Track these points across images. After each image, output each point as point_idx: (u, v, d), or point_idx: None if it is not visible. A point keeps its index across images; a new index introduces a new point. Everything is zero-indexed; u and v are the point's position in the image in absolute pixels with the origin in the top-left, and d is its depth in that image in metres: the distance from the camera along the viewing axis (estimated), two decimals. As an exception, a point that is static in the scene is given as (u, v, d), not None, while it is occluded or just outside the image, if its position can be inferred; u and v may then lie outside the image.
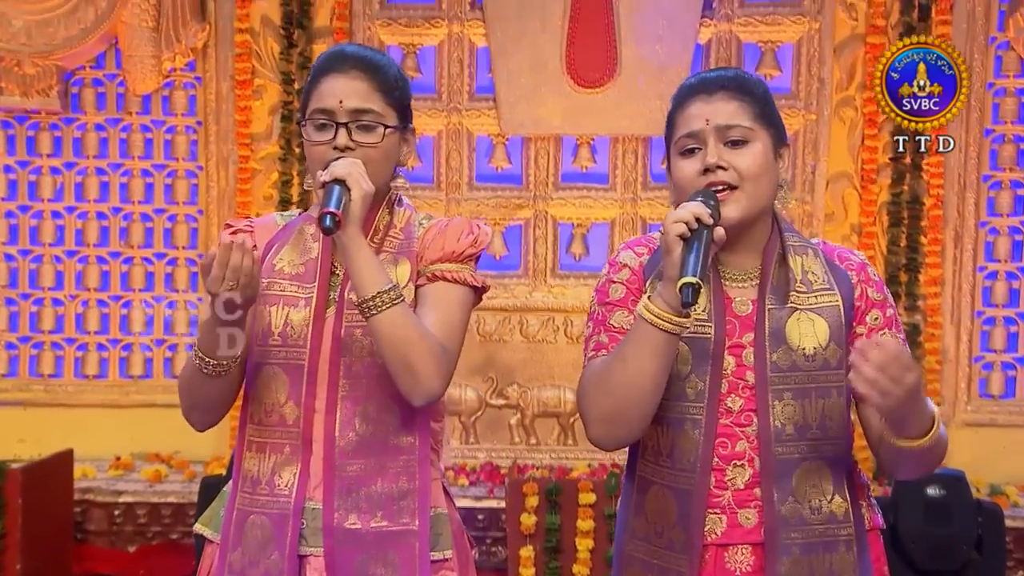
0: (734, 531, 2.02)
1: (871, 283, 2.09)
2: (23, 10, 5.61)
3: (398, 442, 2.19)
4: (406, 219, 2.27)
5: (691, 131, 2.04)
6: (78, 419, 5.63)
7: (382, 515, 2.18)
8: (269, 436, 2.23)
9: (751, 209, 2.03)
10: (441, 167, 5.67)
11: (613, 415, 1.99)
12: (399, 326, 2.08)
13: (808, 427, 2.02)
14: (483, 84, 5.65)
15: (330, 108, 2.18)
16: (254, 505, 2.21)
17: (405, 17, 5.63)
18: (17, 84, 5.63)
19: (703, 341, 2.03)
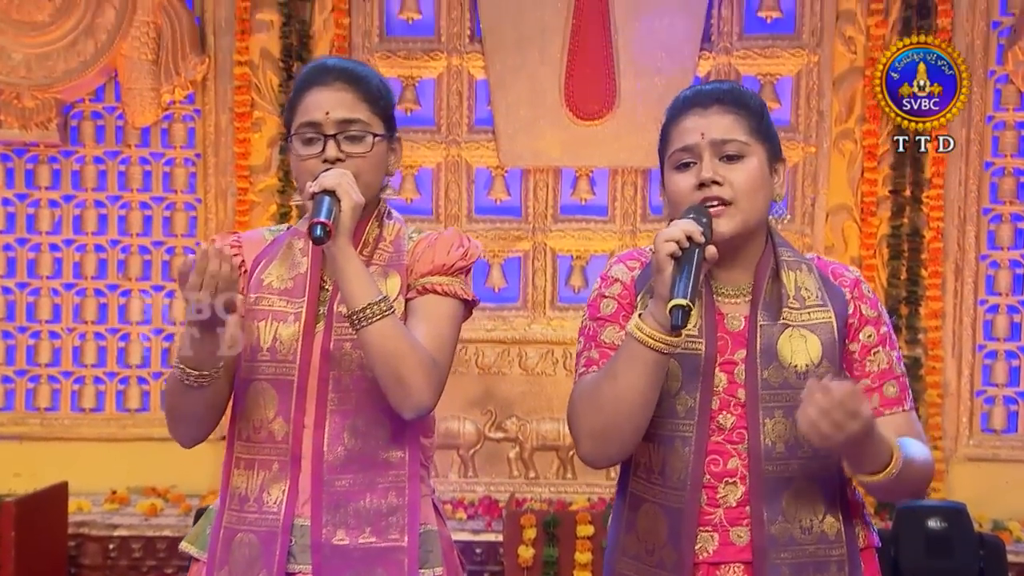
0: (726, 549, 2.00)
1: (865, 300, 2.06)
2: (23, 43, 5.64)
3: (387, 457, 2.17)
4: (396, 232, 2.25)
5: (686, 145, 2.01)
6: (74, 453, 5.61)
7: (370, 531, 2.15)
8: (257, 453, 2.20)
9: (745, 225, 2.00)
10: (440, 199, 5.69)
11: (603, 432, 1.97)
12: (389, 338, 2.06)
13: (799, 445, 1.98)
14: (482, 116, 5.67)
15: (317, 120, 2.17)
16: (242, 523, 2.19)
17: (404, 50, 5.66)
18: (16, 117, 5.66)
19: (694, 358, 2.01)
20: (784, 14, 5.60)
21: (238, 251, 2.24)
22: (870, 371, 2.03)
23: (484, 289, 5.69)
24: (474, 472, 5.64)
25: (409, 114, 5.66)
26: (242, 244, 2.27)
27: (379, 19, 5.67)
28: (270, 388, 2.19)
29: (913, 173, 5.53)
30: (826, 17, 5.56)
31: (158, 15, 5.62)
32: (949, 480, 5.53)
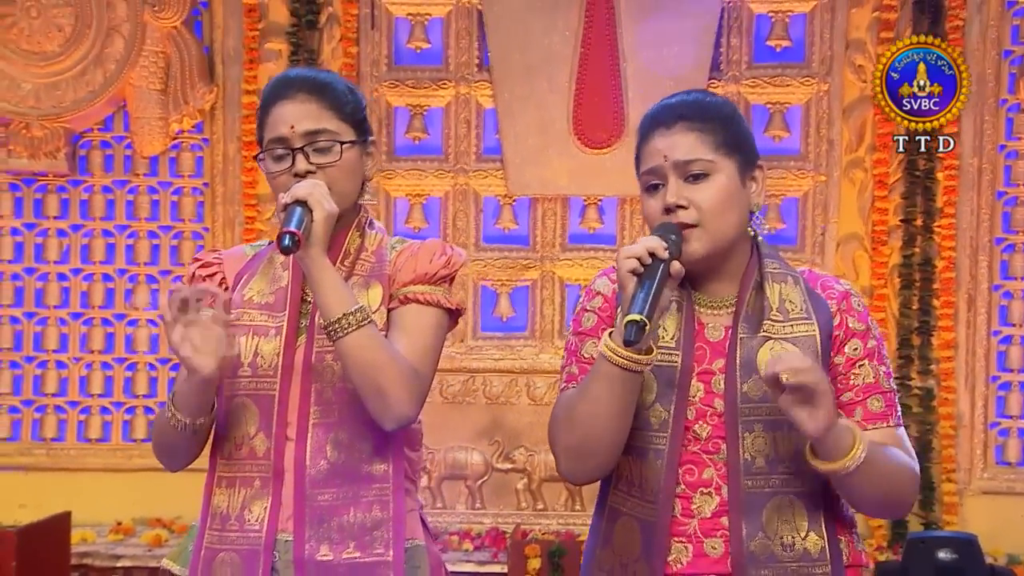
0: (700, 561, 1.97)
1: (853, 313, 2.02)
2: (32, 73, 5.67)
3: (371, 470, 2.14)
4: (378, 242, 2.23)
5: (651, 167, 1.98)
6: (80, 483, 5.59)
7: (354, 546, 2.13)
8: (239, 470, 2.18)
9: (714, 244, 1.96)
10: (448, 228, 5.67)
11: (579, 448, 1.96)
12: (367, 348, 2.04)
13: (780, 460, 1.96)
14: (490, 145, 5.68)
15: (283, 135, 2.15)
16: (223, 542, 2.17)
17: (412, 79, 5.67)
18: (25, 147, 5.68)
19: (669, 370, 1.98)
20: (793, 43, 5.59)
21: (218, 268, 2.24)
22: (854, 384, 1.99)
23: (492, 319, 5.69)
24: (482, 503, 5.60)
25: (417, 143, 5.69)
26: (223, 261, 2.27)
27: (387, 48, 5.69)
28: (251, 404, 2.17)
29: (924, 202, 5.50)
30: (836, 46, 5.55)
31: (167, 45, 5.65)
32: (963, 513, 5.46)
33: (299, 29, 5.62)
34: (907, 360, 5.51)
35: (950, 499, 5.46)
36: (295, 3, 5.62)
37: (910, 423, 5.46)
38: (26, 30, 5.68)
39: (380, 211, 5.64)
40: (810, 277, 2.07)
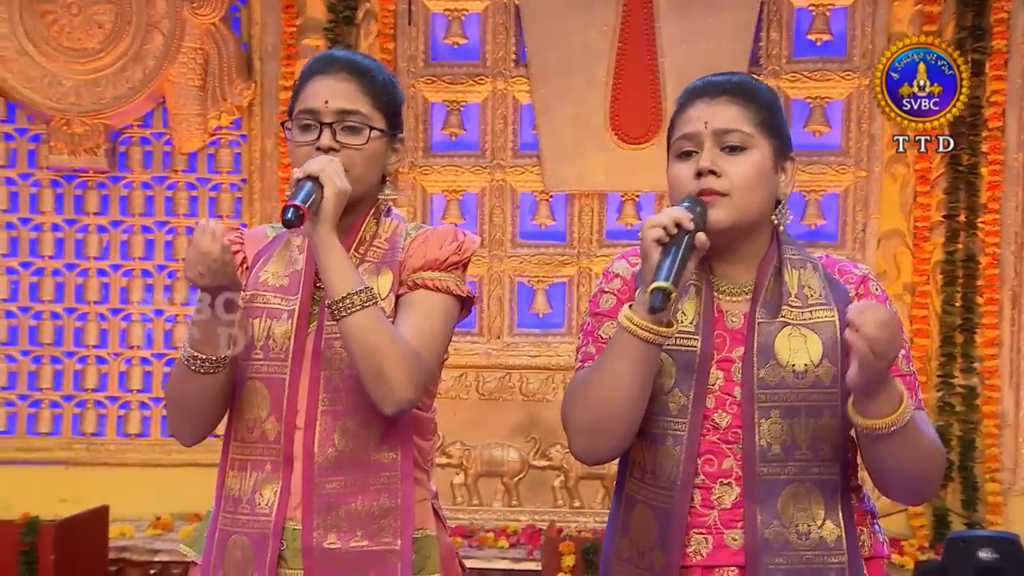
0: (720, 552, 1.95)
1: (871, 296, 2.00)
2: (73, 70, 5.72)
3: (379, 458, 2.13)
4: (392, 229, 2.21)
5: (687, 133, 1.97)
6: (119, 478, 5.64)
7: (362, 534, 2.12)
8: (251, 453, 2.17)
9: (739, 217, 1.94)
10: (484, 224, 5.68)
11: (593, 427, 1.93)
12: (369, 330, 2.02)
13: (797, 447, 1.93)
14: (527, 141, 5.66)
15: (315, 108, 2.14)
16: (235, 525, 2.16)
17: (449, 75, 5.67)
18: (66, 143, 5.73)
19: (688, 354, 1.96)
20: (835, 37, 5.53)
21: (240, 247, 2.22)
22: None
23: (528, 315, 5.68)
24: (518, 500, 5.59)
25: (454, 139, 5.68)
26: (244, 240, 2.25)
27: (424, 44, 5.69)
28: (263, 387, 2.15)
29: (967, 198, 5.43)
30: (877, 40, 5.47)
31: (205, 41, 5.68)
32: (1007, 513, 5.39)
33: (336, 25, 5.62)
34: (950, 358, 5.44)
35: (994, 499, 5.39)
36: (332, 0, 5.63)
37: (952, 422, 5.41)
38: (67, 27, 5.73)
39: (417, 207, 5.65)
40: (828, 263, 2.04)
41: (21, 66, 5.74)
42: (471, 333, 5.65)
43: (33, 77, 5.74)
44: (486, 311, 5.68)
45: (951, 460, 5.35)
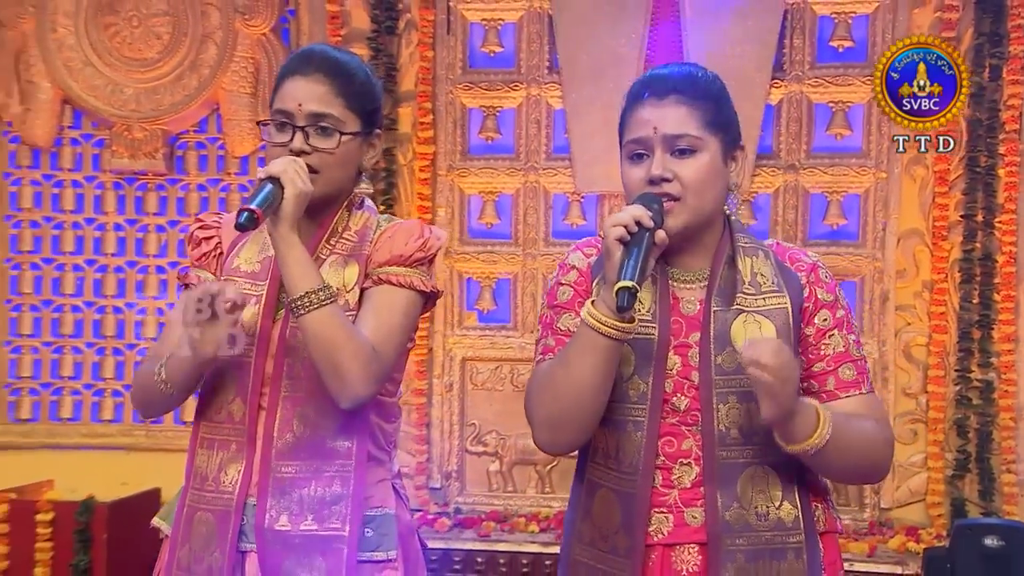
0: (681, 530, 1.95)
1: (821, 284, 2.00)
2: (133, 79, 5.89)
3: (335, 446, 2.12)
4: (363, 222, 2.20)
5: (638, 137, 1.96)
6: (176, 463, 5.80)
7: (312, 518, 2.11)
8: (218, 433, 2.17)
9: (694, 219, 1.95)
10: (519, 223, 5.73)
11: (557, 419, 1.93)
12: (327, 326, 2.02)
13: (754, 431, 1.92)
14: (560, 144, 5.70)
15: (289, 110, 2.13)
16: (201, 501, 2.17)
17: (486, 81, 5.73)
18: (127, 147, 5.89)
19: (646, 342, 1.95)
20: (856, 43, 5.52)
21: (215, 232, 2.24)
22: (825, 354, 1.98)
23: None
24: (551, 487, 5.68)
25: (490, 142, 5.74)
26: (221, 225, 2.25)
27: (462, 52, 5.75)
28: (231, 369, 2.15)
29: (985, 198, 5.42)
30: (897, 45, 5.55)
31: (256, 51, 5.82)
32: (1022, 503, 5.43)
33: (379, 35, 5.71)
34: (967, 353, 5.45)
35: (1009, 490, 5.38)
36: (375, 10, 5.71)
37: (970, 415, 5.45)
38: (128, 38, 5.89)
39: (454, 207, 5.73)
40: (779, 250, 2.05)
41: (86, 76, 5.91)
42: (506, 328, 5.73)
43: (97, 86, 5.91)
44: (520, 307, 5.73)
45: (968, 452, 5.40)
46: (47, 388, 6.03)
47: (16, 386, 6.04)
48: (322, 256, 2.18)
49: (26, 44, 5.98)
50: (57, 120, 6.03)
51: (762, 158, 5.59)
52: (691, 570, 1.95)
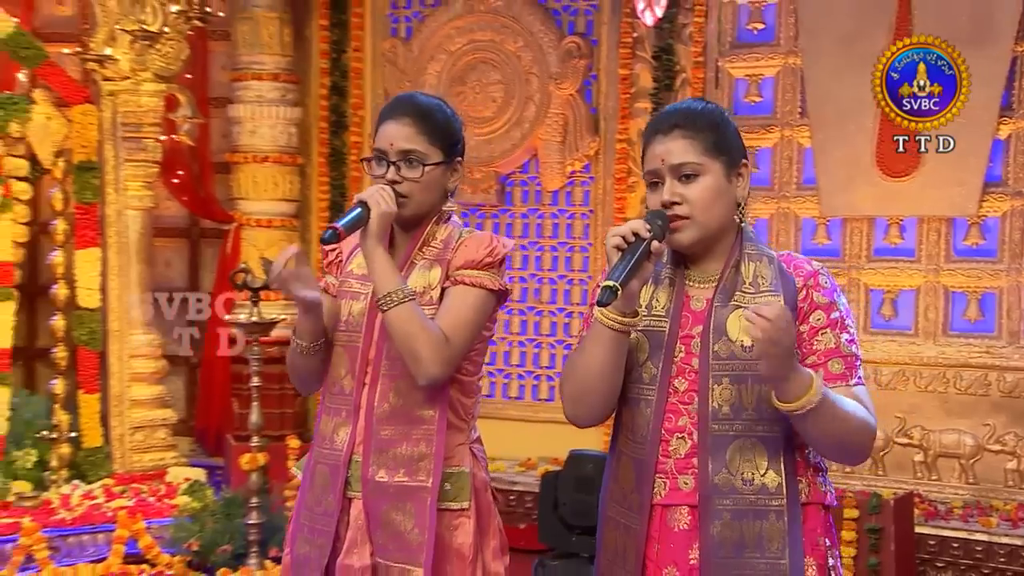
0: (675, 494, 1.92)
1: (819, 288, 1.94)
2: (475, 132, 6.30)
3: (421, 414, 2.16)
4: (448, 233, 2.25)
5: (652, 169, 1.96)
6: (502, 429, 6.14)
7: (404, 472, 2.16)
8: (333, 403, 2.25)
9: (702, 234, 1.93)
10: (772, 243, 5.67)
11: (576, 396, 1.95)
12: (404, 320, 2.09)
13: (743, 409, 1.88)
14: (808, 177, 5.65)
15: (383, 149, 2.19)
16: (320, 457, 2.25)
17: (746, 125, 5.68)
18: (469, 185, 6.32)
19: (659, 334, 1.95)
20: (1075, 85, 5.18)
21: (338, 245, 2.29)
22: (816, 349, 1.91)
23: None
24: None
25: (751, 176, 5.79)
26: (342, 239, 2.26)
27: (728, 102, 5.80)
28: (344, 352, 2.24)
29: None
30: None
31: (565, 108, 6.11)
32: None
33: (659, 91, 5.84)
34: None
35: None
36: (657, 72, 5.86)
37: None
38: (472, 102, 6.34)
39: None
40: (786, 259, 2.00)
41: (440, 131, 6.46)
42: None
43: (448, 138, 6.45)
44: (772, 312, 5.75)
45: None
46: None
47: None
48: (414, 261, 2.24)
49: (400, 108, 6.52)
50: (421, 165, 6.53)
51: (991, 186, 5.28)
52: (682, 528, 1.92)
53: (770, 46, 5.75)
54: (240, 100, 6.44)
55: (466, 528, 2.19)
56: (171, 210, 6.84)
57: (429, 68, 6.45)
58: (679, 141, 1.93)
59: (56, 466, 5.42)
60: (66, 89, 5.64)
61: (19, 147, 5.57)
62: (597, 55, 6.12)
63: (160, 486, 5.51)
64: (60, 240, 5.68)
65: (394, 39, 6.59)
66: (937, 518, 4.98)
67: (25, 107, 5.56)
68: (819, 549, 1.92)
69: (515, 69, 6.26)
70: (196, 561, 4.84)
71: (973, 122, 5.21)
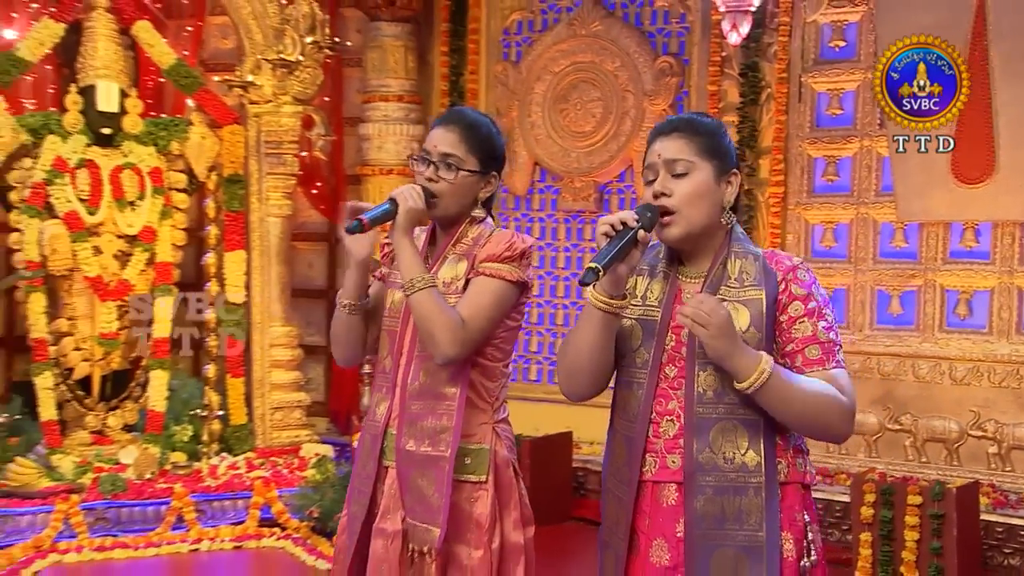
0: (663, 471, 1.93)
1: (797, 281, 1.92)
2: (576, 146, 6.43)
3: (444, 391, 2.22)
4: (477, 232, 2.31)
5: (649, 163, 1.99)
6: (580, 413, 6.10)
7: (428, 443, 2.22)
8: (378, 380, 2.35)
9: (689, 229, 1.93)
10: (852, 247, 5.62)
11: (568, 371, 1.99)
12: (425, 305, 2.16)
13: (726, 393, 1.89)
14: (886, 184, 5.53)
15: (428, 150, 2.27)
16: (367, 428, 2.36)
17: (828, 136, 5.68)
18: (571, 194, 6.43)
19: (652, 323, 1.96)
20: None
21: (389, 241, 2.34)
22: (795, 337, 1.91)
23: (885, 315, 5.54)
24: (877, 454, 5.56)
25: (831, 183, 5.69)
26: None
27: (810, 115, 5.73)
28: (386, 336, 2.33)
29: None
30: None
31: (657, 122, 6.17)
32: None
33: (745, 105, 5.82)
34: None
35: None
36: (743, 88, 5.84)
37: None
38: (574, 118, 6.43)
39: (800, 234, 5.73)
40: (769, 256, 1.98)
41: (546, 144, 6.53)
42: (840, 326, 5.59)
43: (554, 152, 6.50)
44: (850, 310, 5.63)
45: None
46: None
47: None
48: (447, 256, 2.30)
49: (512, 125, 6.68)
50: (530, 176, 6.69)
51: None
52: (670, 503, 1.93)
53: (850, 62, 5.64)
54: (369, 119, 6.69)
55: (484, 500, 2.24)
56: (312, 218, 7.15)
57: (536, 88, 6.57)
58: (677, 141, 1.95)
59: (207, 440, 5.75)
60: (218, 112, 5.99)
61: (179, 163, 5.95)
62: (688, 73, 6.12)
63: (294, 460, 5.79)
64: (212, 243, 6.03)
65: (505, 62, 6.74)
66: (1007, 507, 4.84)
67: (184, 128, 5.94)
68: (796, 524, 1.92)
69: (613, 87, 6.32)
70: (318, 526, 5.08)
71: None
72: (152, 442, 5.62)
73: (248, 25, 6.00)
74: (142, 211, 5.77)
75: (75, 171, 5.60)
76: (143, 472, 5.37)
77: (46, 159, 5.55)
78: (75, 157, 5.61)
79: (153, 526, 5.06)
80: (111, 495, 5.12)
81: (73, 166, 5.60)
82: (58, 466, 5.29)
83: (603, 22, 6.35)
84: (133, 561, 4.84)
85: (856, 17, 5.63)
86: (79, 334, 5.67)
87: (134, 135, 5.77)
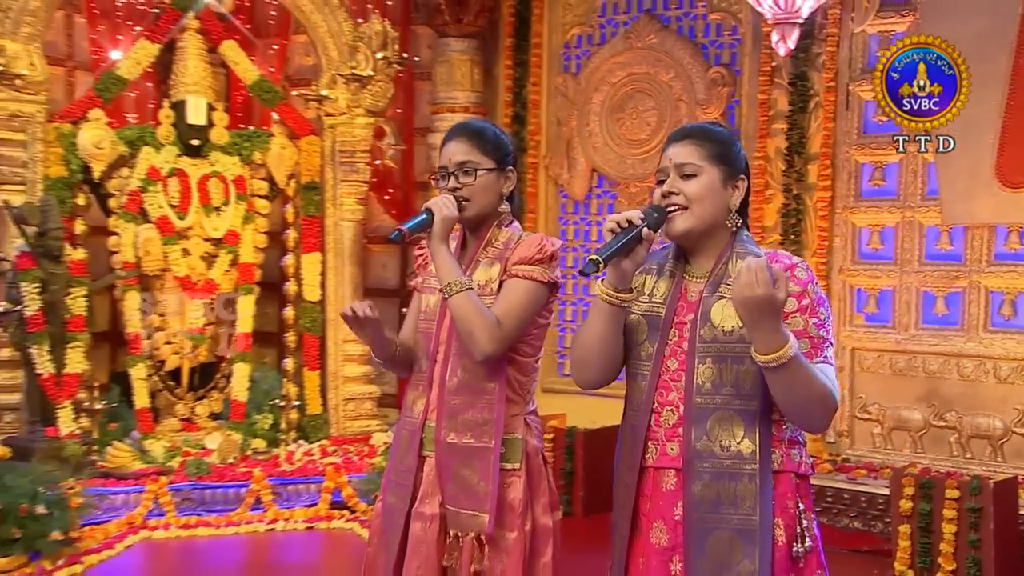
0: (663, 459, 1.96)
1: (794, 279, 1.90)
2: (632, 153, 6.47)
3: (483, 386, 2.26)
4: (507, 235, 2.34)
5: (661, 167, 2.02)
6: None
7: (470, 435, 2.26)
8: (414, 379, 2.39)
9: (695, 224, 1.95)
10: (898, 249, 5.56)
11: (579, 361, 2.01)
12: (462, 307, 2.20)
13: (723, 385, 1.90)
14: (931, 188, 5.46)
15: (444, 164, 2.31)
16: (404, 424, 2.38)
17: (874, 143, 5.62)
18: (627, 199, 6.44)
19: (657, 318, 1.99)
20: None
21: (423, 250, 2.39)
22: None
23: (931, 315, 5.45)
24: (922, 449, 5.48)
25: (877, 188, 5.62)
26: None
27: (857, 122, 5.68)
28: (422, 338, 2.38)
29: None
30: None
31: (711, 130, 6.18)
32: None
33: (794, 113, 5.80)
34: None
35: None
36: (792, 96, 5.81)
37: None
38: (630, 127, 6.48)
39: (847, 237, 5.67)
40: (771, 256, 1.96)
41: (604, 152, 6.58)
42: (886, 326, 5.58)
43: (610, 159, 6.55)
44: (896, 311, 5.56)
45: None
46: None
47: (563, 352, 6.71)
48: (479, 259, 2.33)
49: (571, 134, 6.76)
50: (588, 182, 6.74)
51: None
52: (669, 488, 1.95)
53: (897, 70, 5.59)
54: (437, 129, 6.81)
55: (517, 486, 2.28)
56: (386, 222, 7.30)
57: (594, 98, 6.63)
58: (688, 147, 1.99)
59: (285, 428, 5.93)
60: (296, 124, 6.18)
61: (260, 171, 6.16)
62: (739, 83, 6.11)
63: (364, 447, 5.94)
64: (291, 246, 6.22)
65: (565, 74, 6.80)
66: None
67: (266, 139, 6.14)
68: (788, 511, 1.93)
69: (667, 97, 6.34)
70: (383, 510, 5.19)
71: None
72: (235, 429, 5.82)
73: (324, 42, 6.18)
74: (227, 216, 5.99)
75: (167, 179, 5.84)
76: (226, 457, 5.57)
77: (141, 168, 5.80)
78: (167, 167, 5.85)
79: (233, 507, 5.25)
80: (196, 477, 5.33)
81: (165, 175, 5.84)
82: (150, 450, 5.52)
83: (658, 35, 6.39)
84: (215, 539, 5.03)
85: (903, 27, 5.56)
86: (170, 329, 5.91)
87: (220, 146, 5.99)
